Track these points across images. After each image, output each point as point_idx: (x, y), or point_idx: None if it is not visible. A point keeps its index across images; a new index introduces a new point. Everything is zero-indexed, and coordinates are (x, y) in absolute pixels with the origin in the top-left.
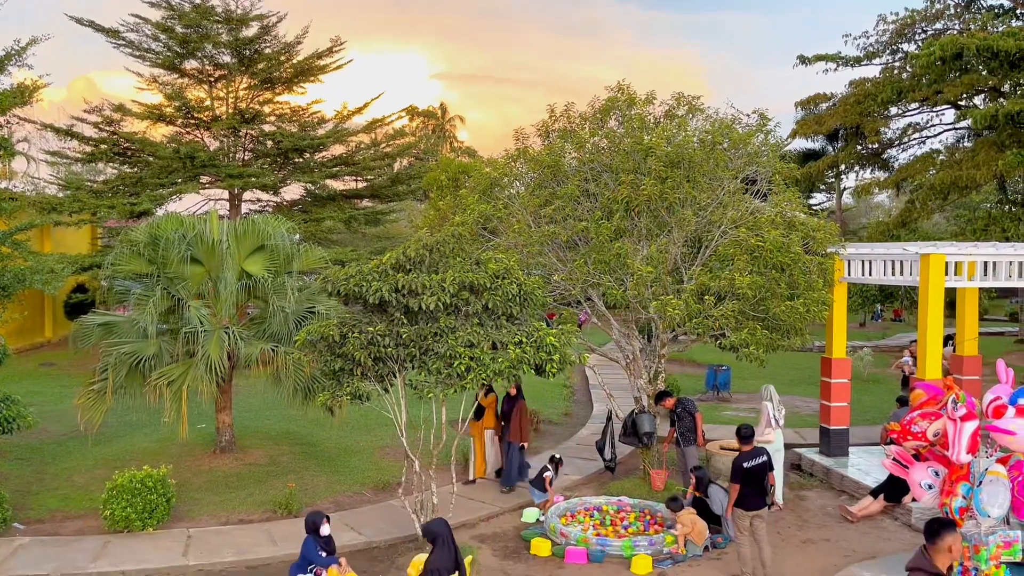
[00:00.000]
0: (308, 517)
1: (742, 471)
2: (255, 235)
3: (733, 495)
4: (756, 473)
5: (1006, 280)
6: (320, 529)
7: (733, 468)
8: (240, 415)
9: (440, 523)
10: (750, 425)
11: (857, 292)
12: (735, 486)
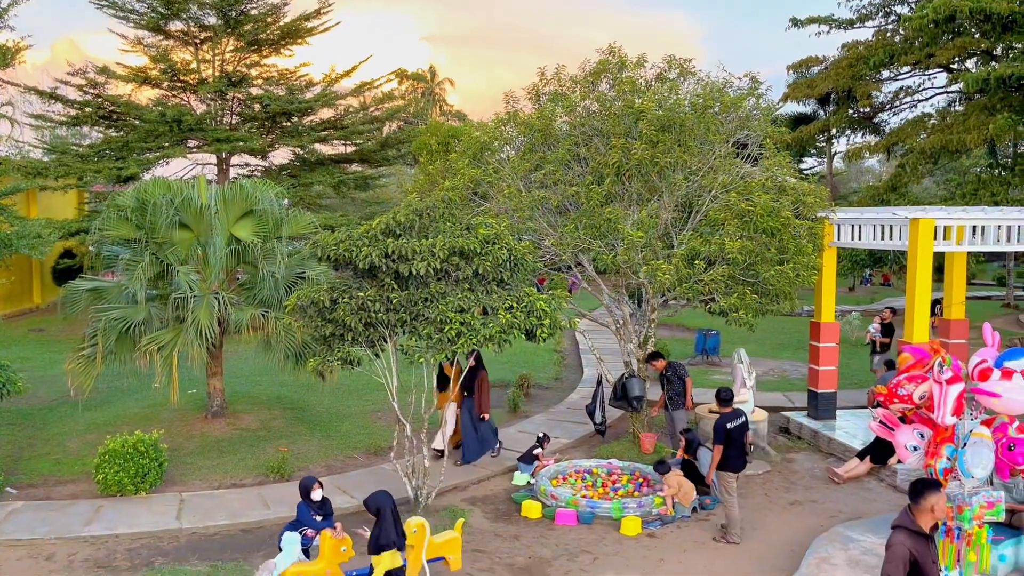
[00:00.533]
0: (301, 482)
1: (725, 431)
2: (244, 200)
3: (716, 456)
4: (737, 434)
5: (994, 244)
6: (311, 494)
7: (716, 429)
8: (231, 380)
9: (383, 495)
10: (729, 388)
11: (847, 256)
12: (718, 447)
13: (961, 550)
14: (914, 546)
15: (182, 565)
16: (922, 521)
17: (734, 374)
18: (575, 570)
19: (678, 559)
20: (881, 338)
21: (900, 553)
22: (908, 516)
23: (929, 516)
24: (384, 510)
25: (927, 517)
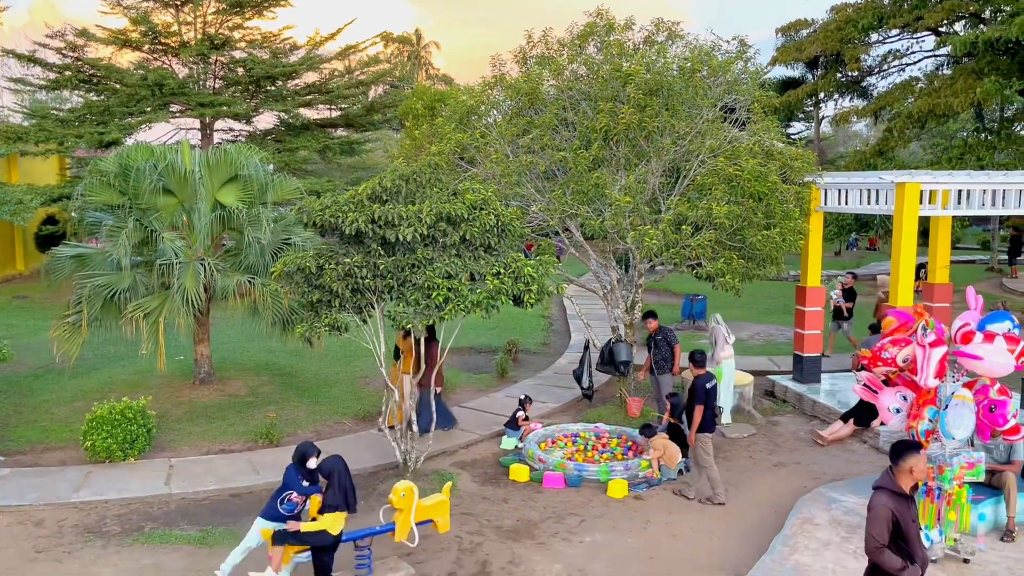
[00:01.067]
0: (299, 447)
1: (705, 391)
2: (228, 165)
3: (698, 417)
4: (712, 396)
5: (979, 208)
6: (308, 462)
7: (695, 390)
8: (218, 347)
9: (335, 459)
10: (703, 351)
11: (833, 221)
12: (699, 408)
13: (941, 510)
14: (895, 506)
15: (172, 530)
16: (902, 482)
17: (714, 335)
18: (562, 532)
19: (664, 520)
20: (845, 303)
21: (882, 514)
22: (889, 477)
23: (908, 477)
24: (334, 474)
25: (907, 478)
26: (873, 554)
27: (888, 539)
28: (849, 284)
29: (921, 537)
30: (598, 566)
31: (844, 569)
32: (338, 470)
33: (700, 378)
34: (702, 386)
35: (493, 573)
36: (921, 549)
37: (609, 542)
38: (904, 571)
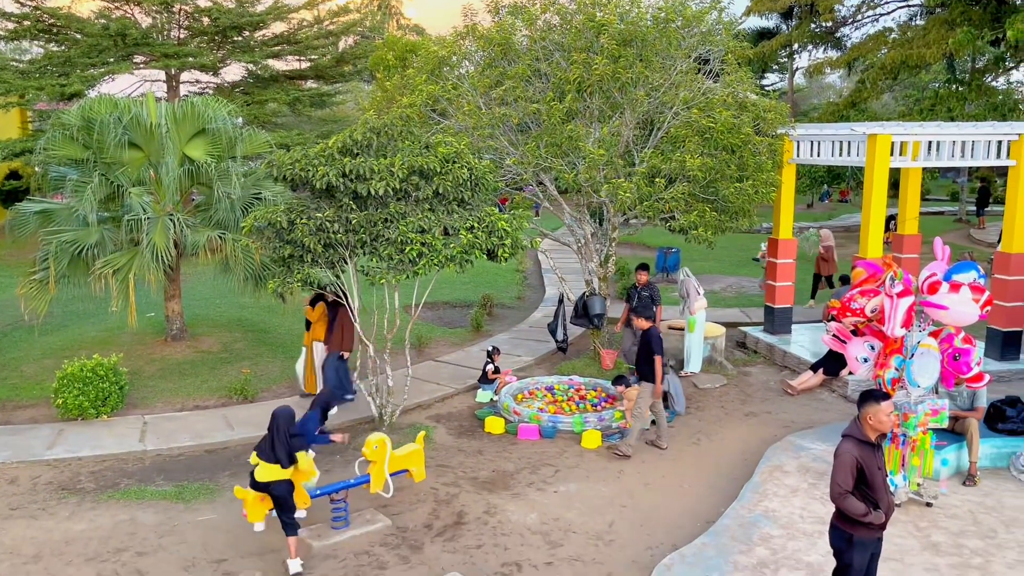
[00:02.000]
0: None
1: (662, 340)
2: (195, 118)
3: (659, 366)
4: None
5: (949, 160)
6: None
7: (654, 340)
8: (190, 303)
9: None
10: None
11: (806, 173)
12: (659, 357)
13: (906, 455)
14: (860, 454)
15: (147, 486)
16: (867, 430)
17: (685, 288)
18: (537, 482)
19: (637, 469)
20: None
21: (846, 461)
22: (856, 426)
23: (870, 426)
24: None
25: (869, 427)
26: (837, 500)
27: (852, 485)
28: None
29: (887, 484)
30: (572, 515)
31: (811, 514)
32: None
33: (655, 329)
34: (657, 335)
35: (469, 523)
36: (886, 495)
37: (583, 491)
38: (867, 516)
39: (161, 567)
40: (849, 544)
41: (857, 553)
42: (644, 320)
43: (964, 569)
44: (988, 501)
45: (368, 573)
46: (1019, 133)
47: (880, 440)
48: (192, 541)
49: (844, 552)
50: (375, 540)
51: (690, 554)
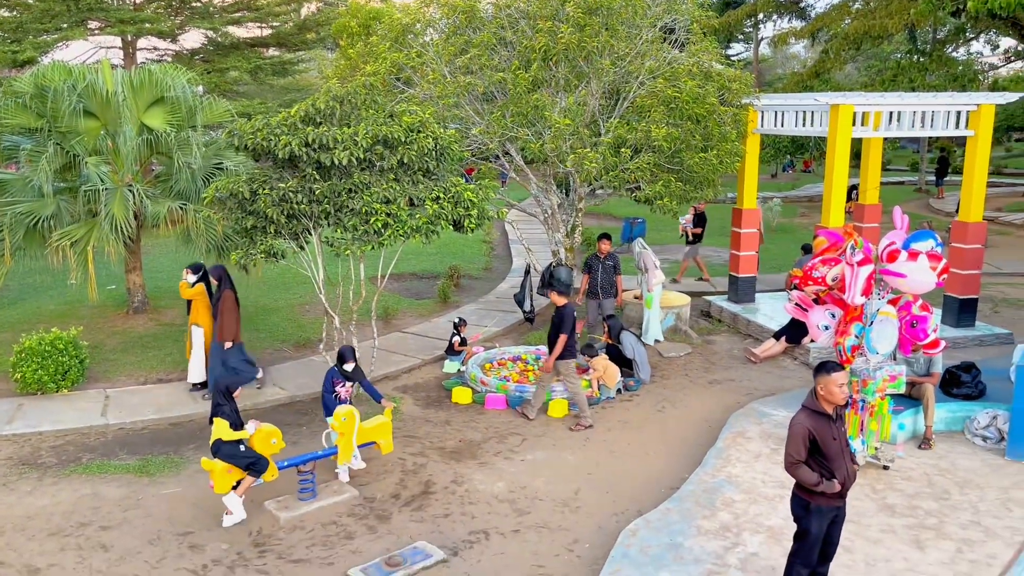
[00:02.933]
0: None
1: (574, 319)
2: (153, 86)
3: (561, 344)
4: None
5: (909, 130)
6: (345, 365)
7: (564, 317)
8: (152, 275)
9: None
10: (563, 281)
11: (770, 143)
12: (563, 336)
13: (864, 420)
14: (813, 425)
15: (111, 460)
16: (821, 401)
17: (643, 261)
18: (504, 451)
19: (602, 438)
20: (693, 228)
21: (798, 432)
22: (811, 396)
23: (822, 397)
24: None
25: (822, 398)
26: (789, 469)
27: (805, 455)
28: (701, 209)
29: (845, 453)
30: (539, 482)
31: (773, 479)
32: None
33: (568, 306)
34: (571, 313)
35: (436, 493)
36: (846, 464)
37: (550, 460)
38: (818, 486)
39: (126, 541)
40: (807, 511)
41: (815, 520)
42: (558, 295)
43: (919, 530)
44: (943, 464)
45: (335, 543)
46: (977, 104)
47: (840, 411)
48: (157, 515)
49: (803, 519)
50: (342, 511)
51: (655, 519)
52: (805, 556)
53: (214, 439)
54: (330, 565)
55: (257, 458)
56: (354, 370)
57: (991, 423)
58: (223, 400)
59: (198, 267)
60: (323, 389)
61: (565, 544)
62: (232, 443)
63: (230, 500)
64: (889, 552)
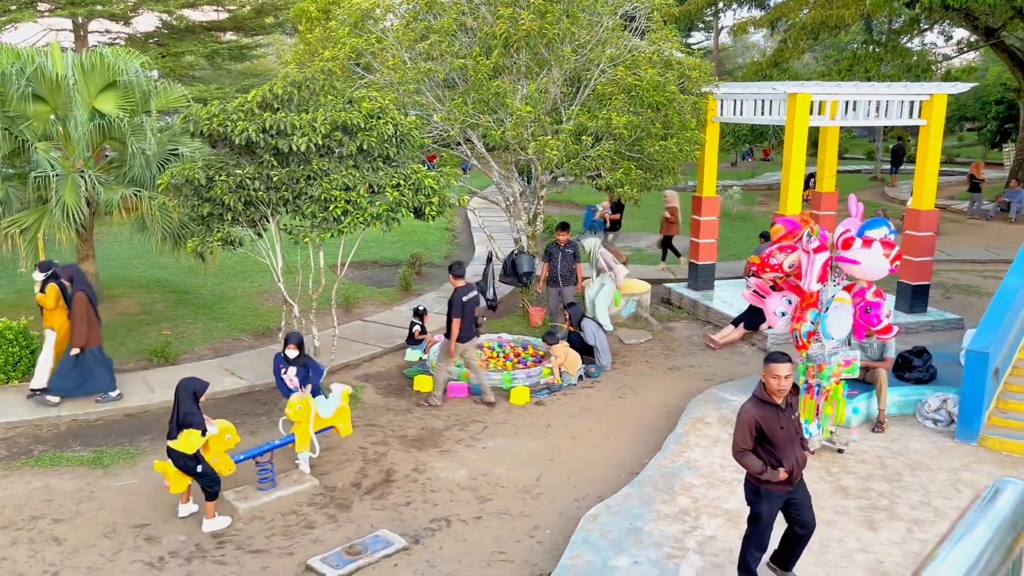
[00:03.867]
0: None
1: (461, 305)
2: (105, 70)
3: (455, 329)
4: (470, 306)
5: (864, 119)
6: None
7: (452, 302)
8: (106, 264)
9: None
10: (461, 263)
11: (730, 132)
12: (457, 320)
13: (820, 404)
14: (760, 414)
15: (64, 451)
16: (768, 390)
17: (604, 261)
18: (466, 438)
19: (564, 424)
20: (611, 215)
21: (744, 420)
22: (760, 386)
23: (768, 386)
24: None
25: (769, 387)
26: (736, 457)
27: (751, 444)
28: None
29: (795, 441)
30: (501, 470)
31: (731, 464)
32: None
33: (457, 291)
34: (458, 299)
35: (398, 481)
36: (795, 452)
37: (511, 447)
38: (763, 474)
39: (79, 534)
40: (757, 496)
41: (765, 504)
42: (455, 277)
43: (872, 511)
44: (895, 446)
45: (296, 533)
46: (930, 94)
47: (792, 399)
48: (112, 507)
49: (754, 503)
50: (303, 500)
51: (615, 504)
52: (758, 539)
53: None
54: (290, 555)
55: (214, 477)
56: (297, 358)
57: (941, 406)
58: (193, 408)
59: (46, 265)
60: (274, 373)
61: (526, 530)
62: (189, 459)
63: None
64: (842, 533)
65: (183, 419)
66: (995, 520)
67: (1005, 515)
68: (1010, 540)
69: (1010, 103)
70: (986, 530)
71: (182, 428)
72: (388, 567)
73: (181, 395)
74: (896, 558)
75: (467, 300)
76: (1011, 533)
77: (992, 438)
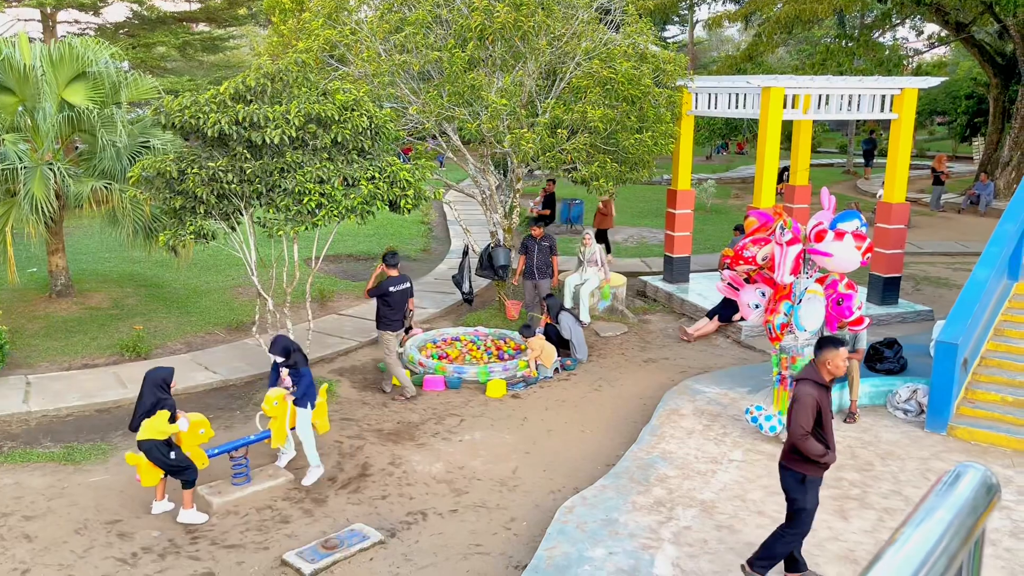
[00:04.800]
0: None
1: (387, 292)
2: (74, 60)
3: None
4: (399, 297)
5: (837, 112)
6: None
7: (380, 290)
8: (76, 258)
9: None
10: (396, 253)
11: (704, 125)
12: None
13: None
14: (818, 395)
15: (34, 448)
16: (824, 373)
17: (599, 256)
18: (442, 432)
19: (540, 417)
20: (541, 210)
21: (808, 403)
22: (813, 369)
23: (826, 370)
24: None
25: (825, 371)
26: (800, 441)
27: (812, 426)
28: (551, 190)
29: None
30: (477, 463)
31: (705, 455)
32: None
33: (388, 280)
34: (386, 288)
35: (374, 475)
36: (833, 437)
37: (488, 439)
38: (824, 456)
39: (50, 531)
40: (802, 484)
41: (810, 492)
42: (388, 267)
43: (843, 500)
44: (866, 436)
45: (270, 527)
46: (901, 88)
47: (831, 384)
48: (84, 503)
49: (797, 495)
50: (278, 495)
51: (591, 496)
52: (801, 526)
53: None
54: (265, 550)
55: (188, 465)
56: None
57: (912, 396)
58: (164, 393)
59: None
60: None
61: (503, 523)
62: (162, 447)
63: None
64: (815, 522)
65: (157, 407)
66: (955, 504)
67: (965, 499)
68: (970, 523)
69: (980, 97)
70: (946, 514)
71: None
72: (364, 561)
73: (147, 388)
74: (867, 547)
75: (396, 290)
76: (971, 517)
77: (961, 427)
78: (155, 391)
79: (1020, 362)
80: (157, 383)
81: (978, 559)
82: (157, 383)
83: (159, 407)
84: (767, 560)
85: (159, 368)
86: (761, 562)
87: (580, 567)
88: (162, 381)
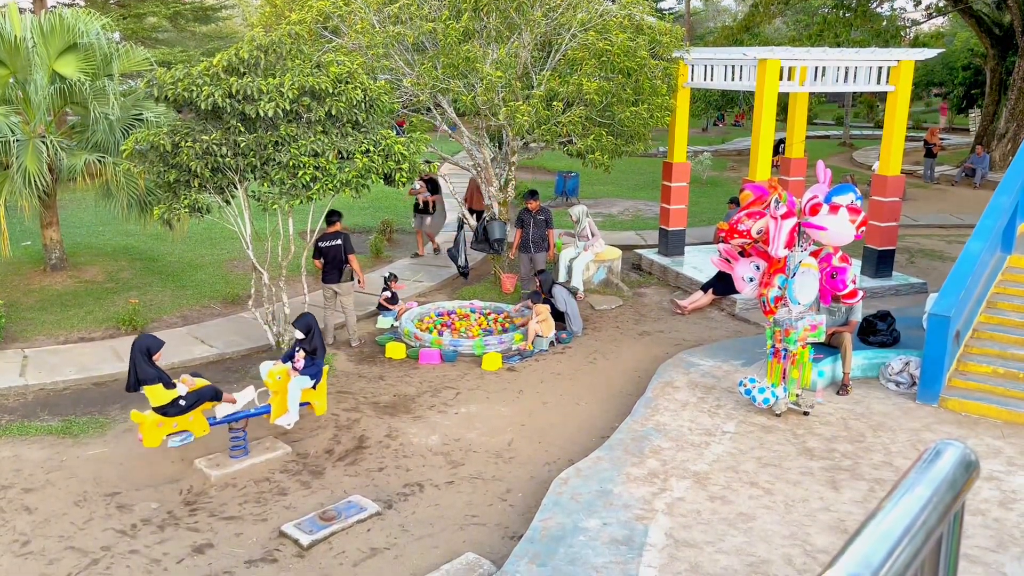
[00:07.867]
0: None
1: (318, 249)
2: (65, 32)
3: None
4: (331, 253)
5: (834, 84)
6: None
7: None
8: (70, 231)
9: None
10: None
11: (701, 98)
12: (317, 261)
13: (787, 368)
14: None
15: (32, 421)
16: None
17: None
18: (438, 404)
19: (535, 390)
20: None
21: None
22: None
23: None
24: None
25: None
26: None
27: None
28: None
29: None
30: (473, 435)
31: (699, 427)
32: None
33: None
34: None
35: (370, 447)
36: None
37: (483, 412)
38: None
39: (50, 503)
40: None
41: None
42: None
43: (835, 471)
44: (858, 408)
45: (268, 499)
46: (897, 60)
47: None
48: (83, 476)
49: None
50: (275, 467)
51: (585, 468)
52: None
53: (157, 404)
54: (263, 521)
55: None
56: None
57: (904, 369)
58: (146, 363)
59: None
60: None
61: (498, 494)
62: (173, 403)
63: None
64: (807, 493)
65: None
66: (935, 480)
67: (945, 475)
68: (949, 499)
69: (977, 69)
70: (925, 490)
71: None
72: (361, 532)
73: (135, 354)
74: (858, 516)
75: (324, 246)
76: (950, 492)
77: (952, 399)
78: (141, 361)
79: (1012, 334)
80: (141, 350)
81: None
82: (141, 350)
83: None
84: None
85: (144, 336)
86: None
87: (575, 537)
88: (146, 349)
